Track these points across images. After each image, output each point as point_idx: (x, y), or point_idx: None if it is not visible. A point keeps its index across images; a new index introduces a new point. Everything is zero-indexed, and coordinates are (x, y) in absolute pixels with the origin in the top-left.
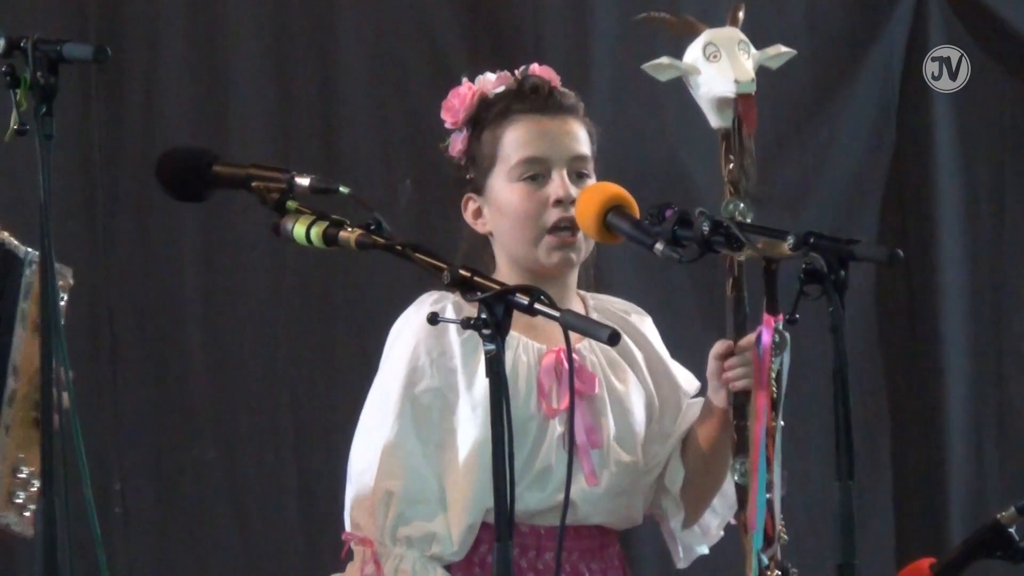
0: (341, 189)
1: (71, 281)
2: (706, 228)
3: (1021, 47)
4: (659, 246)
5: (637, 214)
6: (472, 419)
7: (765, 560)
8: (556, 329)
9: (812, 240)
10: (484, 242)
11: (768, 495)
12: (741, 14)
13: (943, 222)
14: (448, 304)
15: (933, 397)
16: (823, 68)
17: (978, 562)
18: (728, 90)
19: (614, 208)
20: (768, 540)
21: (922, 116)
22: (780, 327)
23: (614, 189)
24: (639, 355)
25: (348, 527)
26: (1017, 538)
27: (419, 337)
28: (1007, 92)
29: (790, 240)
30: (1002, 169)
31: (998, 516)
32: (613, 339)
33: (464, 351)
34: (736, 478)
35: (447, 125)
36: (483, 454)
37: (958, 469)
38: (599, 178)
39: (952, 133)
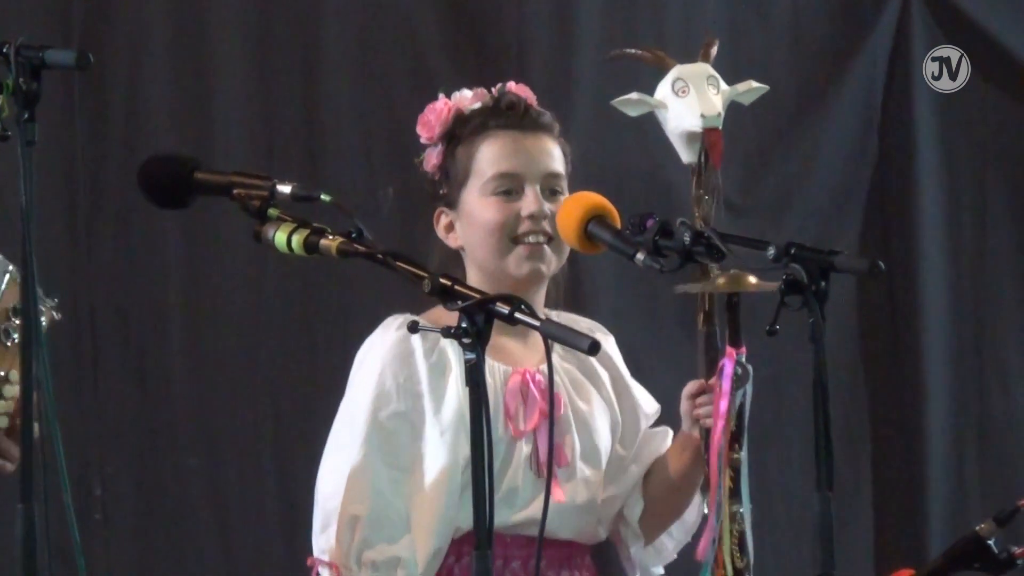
0: (323, 197)
1: (55, 315)
2: (687, 238)
3: (1004, 57)
4: (640, 256)
5: (618, 224)
6: (440, 444)
7: None
8: (522, 350)
9: (793, 251)
10: (456, 257)
11: (740, 528)
12: (714, 50)
13: (925, 233)
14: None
15: (914, 408)
16: (806, 78)
17: (958, 574)
18: (695, 124)
19: (595, 218)
20: (737, 572)
21: (905, 127)
22: (742, 359)
23: (595, 199)
24: (604, 375)
25: (315, 551)
26: (996, 550)
27: (385, 361)
28: (990, 103)
29: (771, 251)
30: (984, 180)
31: (977, 528)
32: (593, 349)
33: (431, 376)
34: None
35: (422, 140)
36: (451, 478)
37: (938, 480)
38: (579, 190)
39: (935, 144)
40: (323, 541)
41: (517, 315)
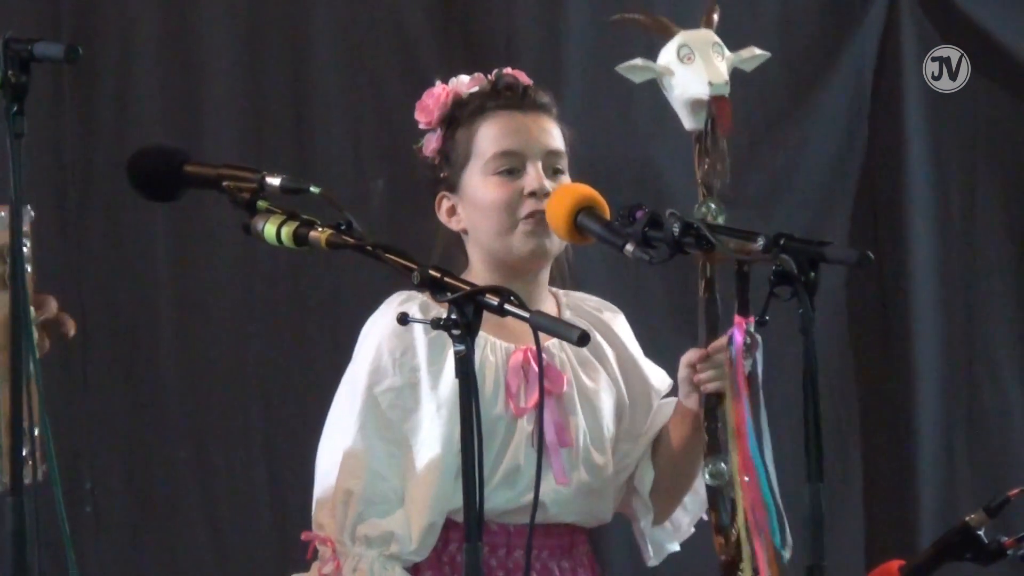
0: (312, 189)
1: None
2: (676, 229)
3: (993, 50)
4: (629, 247)
5: (608, 215)
6: (436, 418)
7: (786, 556)
8: (525, 328)
9: (783, 242)
10: (458, 240)
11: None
12: (716, 16)
13: (915, 224)
14: (415, 304)
15: (904, 399)
16: (796, 70)
17: (948, 564)
18: (702, 92)
19: (585, 209)
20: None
21: (894, 118)
22: (751, 328)
23: (585, 190)
24: (610, 352)
25: (313, 527)
26: (986, 540)
27: (382, 337)
28: (979, 95)
29: (760, 241)
30: (974, 172)
31: (967, 518)
32: (582, 340)
33: (430, 350)
34: (707, 479)
35: (421, 125)
36: (447, 453)
37: (928, 471)
38: (571, 179)
39: (924, 136)
40: (320, 516)
41: (506, 307)
